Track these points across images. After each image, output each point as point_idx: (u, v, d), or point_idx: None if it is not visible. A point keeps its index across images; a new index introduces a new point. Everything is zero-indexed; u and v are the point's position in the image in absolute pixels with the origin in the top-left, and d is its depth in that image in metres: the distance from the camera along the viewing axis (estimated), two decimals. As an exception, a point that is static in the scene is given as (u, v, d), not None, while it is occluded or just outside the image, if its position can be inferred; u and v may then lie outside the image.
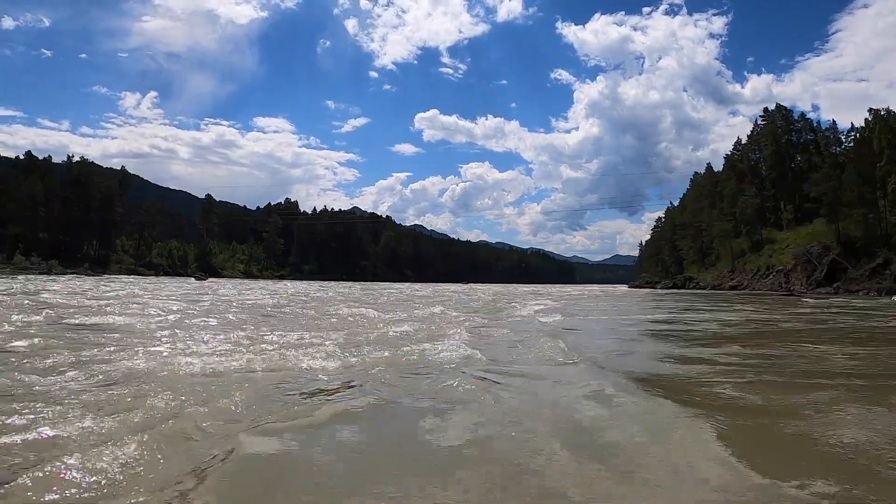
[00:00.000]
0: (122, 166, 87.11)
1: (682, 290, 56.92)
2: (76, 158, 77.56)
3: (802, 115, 76.92)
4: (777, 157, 74.21)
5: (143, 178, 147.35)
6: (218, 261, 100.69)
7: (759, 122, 79.50)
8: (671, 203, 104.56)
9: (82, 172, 76.24)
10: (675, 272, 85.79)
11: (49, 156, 78.65)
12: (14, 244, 67.28)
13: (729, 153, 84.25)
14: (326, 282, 65.34)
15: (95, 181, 76.85)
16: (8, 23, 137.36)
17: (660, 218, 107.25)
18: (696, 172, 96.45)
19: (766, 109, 79.32)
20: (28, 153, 77.62)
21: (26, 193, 69.27)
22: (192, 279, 50.53)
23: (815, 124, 73.94)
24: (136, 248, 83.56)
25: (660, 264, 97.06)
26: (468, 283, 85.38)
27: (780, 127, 75.04)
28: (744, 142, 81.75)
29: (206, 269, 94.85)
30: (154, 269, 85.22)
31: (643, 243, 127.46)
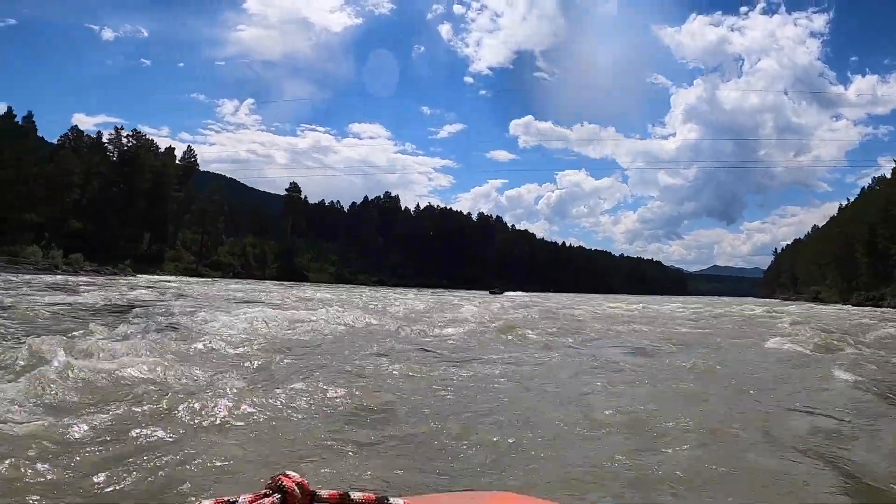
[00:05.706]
0: (189, 146, 71.24)
1: None
2: (125, 132, 61.62)
3: None
4: None
5: (240, 182, 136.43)
6: (303, 261, 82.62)
7: None
8: (846, 199, 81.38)
9: (132, 149, 60.42)
10: (869, 285, 57.88)
11: (99, 132, 64.06)
12: (39, 234, 52.26)
13: None
14: (446, 291, 42.11)
15: (147, 160, 60.56)
16: (108, 34, 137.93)
17: (842, 207, 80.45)
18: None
19: None
20: (75, 128, 63.45)
21: (57, 173, 54.16)
22: None
23: None
24: (200, 244, 66.74)
25: (841, 273, 68.86)
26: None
27: None
28: None
29: (290, 272, 77.18)
30: (222, 270, 68.39)
31: (777, 250, 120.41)
